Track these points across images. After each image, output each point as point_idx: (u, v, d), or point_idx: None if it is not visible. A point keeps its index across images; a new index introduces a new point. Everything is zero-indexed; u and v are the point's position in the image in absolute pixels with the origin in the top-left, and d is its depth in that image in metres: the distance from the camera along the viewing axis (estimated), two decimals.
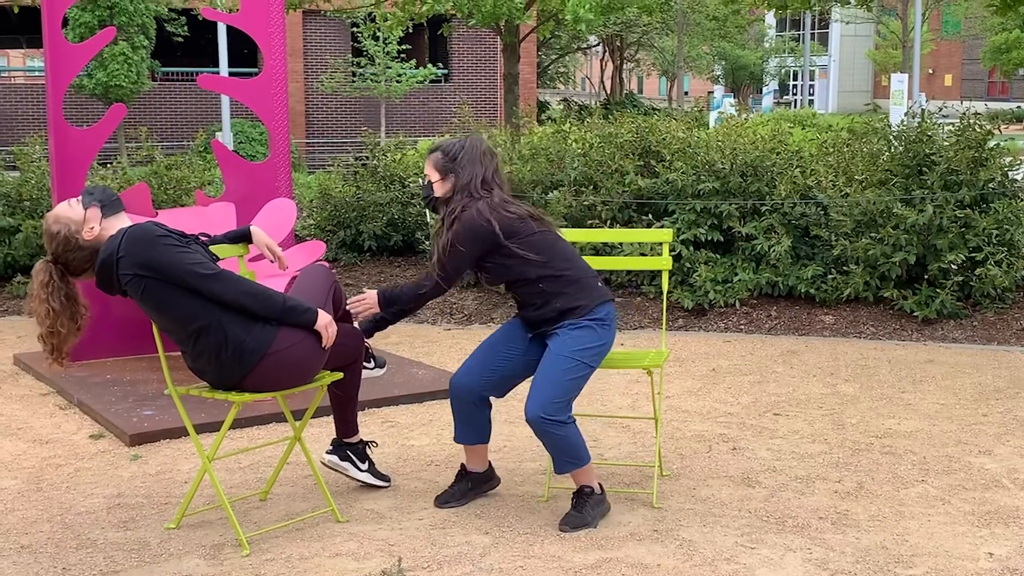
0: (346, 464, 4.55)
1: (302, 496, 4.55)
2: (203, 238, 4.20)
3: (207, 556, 3.94)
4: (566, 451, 4.14)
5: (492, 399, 4.38)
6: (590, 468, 4.24)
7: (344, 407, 4.51)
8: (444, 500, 4.42)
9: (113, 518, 4.30)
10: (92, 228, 3.98)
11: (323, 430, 5.31)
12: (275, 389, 4.05)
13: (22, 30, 28.80)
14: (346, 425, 4.54)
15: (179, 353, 4.79)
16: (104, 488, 4.64)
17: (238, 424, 5.37)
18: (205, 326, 3.89)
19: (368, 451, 4.61)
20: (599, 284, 4.32)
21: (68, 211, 4.00)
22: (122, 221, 4.04)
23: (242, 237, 4.39)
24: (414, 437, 5.34)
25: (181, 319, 3.91)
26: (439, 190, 4.29)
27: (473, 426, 4.37)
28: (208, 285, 3.85)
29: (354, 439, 4.57)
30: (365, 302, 4.32)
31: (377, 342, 7.37)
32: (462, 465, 4.50)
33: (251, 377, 3.94)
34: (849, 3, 9.96)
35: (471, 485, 4.48)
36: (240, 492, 4.58)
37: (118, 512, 4.36)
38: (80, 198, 4.02)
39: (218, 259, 4.08)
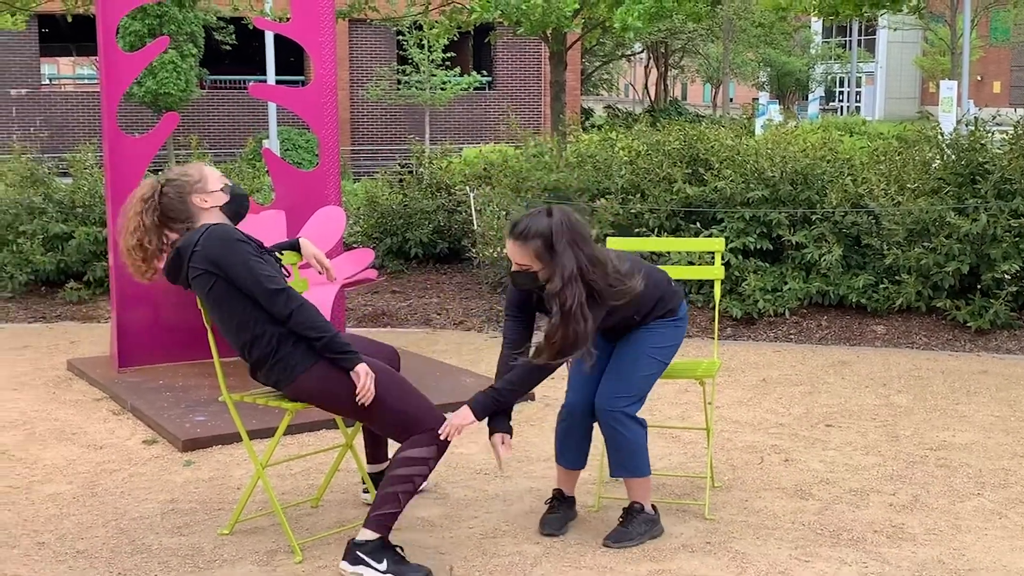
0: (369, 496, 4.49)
1: (353, 503, 4.56)
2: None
3: (260, 562, 3.96)
4: (626, 455, 4.08)
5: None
6: (646, 485, 4.18)
7: (378, 435, 4.43)
8: (554, 528, 4.22)
9: (167, 524, 4.33)
10: (205, 201, 4.03)
11: None
12: (313, 404, 4.00)
13: (72, 38, 29.20)
14: (377, 450, 4.46)
15: (232, 359, 4.84)
16: (158, 494, 4.67)
17: (289, 430, 5.38)
18: (259, 335, 3.90)
19: None
20: (673, 285, 4.29)
21: (208, 174, 4.06)
22: (220, 220, 4.04)
23: (291, 248, 4.42)
24: (463, 445, 5.34)
25: (237, 324, 3.93)
26: (544, 276, 3.90)
27: (579, 449, 4.28)
28: (269, 299, 3.84)
29: (382, 466, 4.43)
30: (453, 422, 3.92)
31: (423, 349, 7.40)
32: (558, 490, 4.35)
33: (291, 388, 3.94)
34: (901, 10, 9.88)
35: (570, 510, 4.35)
36: (292, 498, 4.60)
37: (172, 518, 4.39)
38: (226, 181, 4.09)
39: (288, 275, 4.10)
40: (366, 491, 4.50)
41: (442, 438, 3.87)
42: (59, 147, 24.30)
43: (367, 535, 3.81)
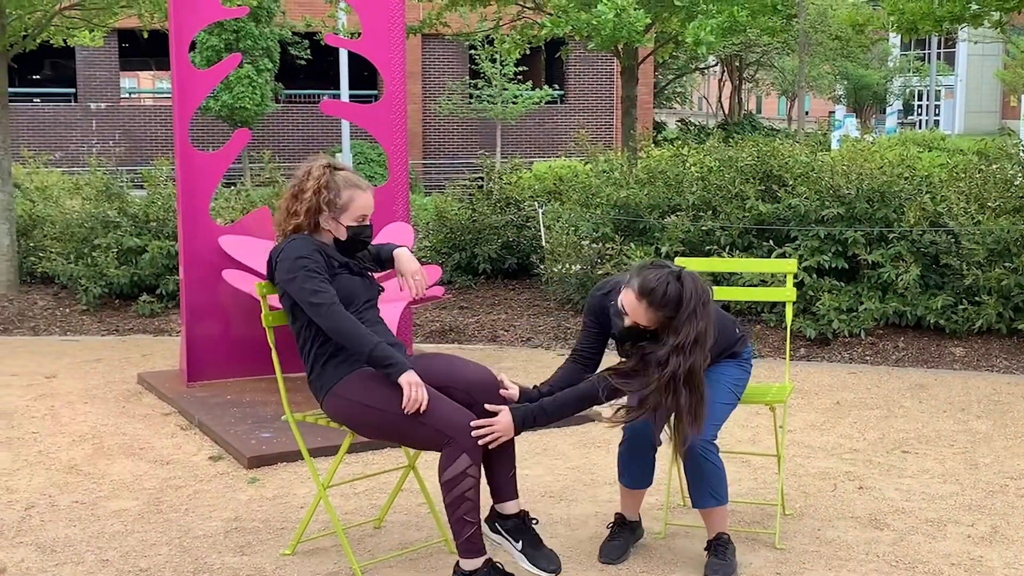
0: (497, 537, 3.86)
1: (416, 525, 4.51)
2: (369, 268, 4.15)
3: None
4: (714, 483, 3.97)
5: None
6: (727, 512, 4.07)
7: (489, 465, 3.86)
8: (613, 556, 4.11)
9: (230, 542, 4.32)
10: (329, 223, 3.97)
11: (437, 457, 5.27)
12: (345, 426, 3.94)
13: (151, 53, 29.74)
14: (495, 490, 3.90)
15: (297, 375, 4.79)
16: (222, 511, 4.67)
17: (353, 448, 5.36)
18: (305, 352, 3.94)
19: (529, 525, 3.85)
20: (738, 331, 4.26)
21: (353, 207, 3.97)
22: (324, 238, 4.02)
23: (387, 257, 4.24)
24: (528, 466, 5.27)
25: (296, 333, 3.98)
26: (656, 332, 3.80)
27: (643, 468, 4.17)
28: (312, 312, 3.82)
29: (508, 508, 3.86)
30: (496, 428, 3.75)
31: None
32: (619, 515, 4.26)
33: (324, 407, 3.94)
34: (982, 24, 9.63)
35: (632, 535, 4.26)
36: (354, 519, 4.57)
37: (235, 536, 4.38)
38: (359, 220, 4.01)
39: (382, 290, 4.07)
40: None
41: (480, 442, 3.71)
42: (138, 160, 24.75)
43: (470, 564, 3.71)
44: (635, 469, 4.17)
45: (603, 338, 4.07)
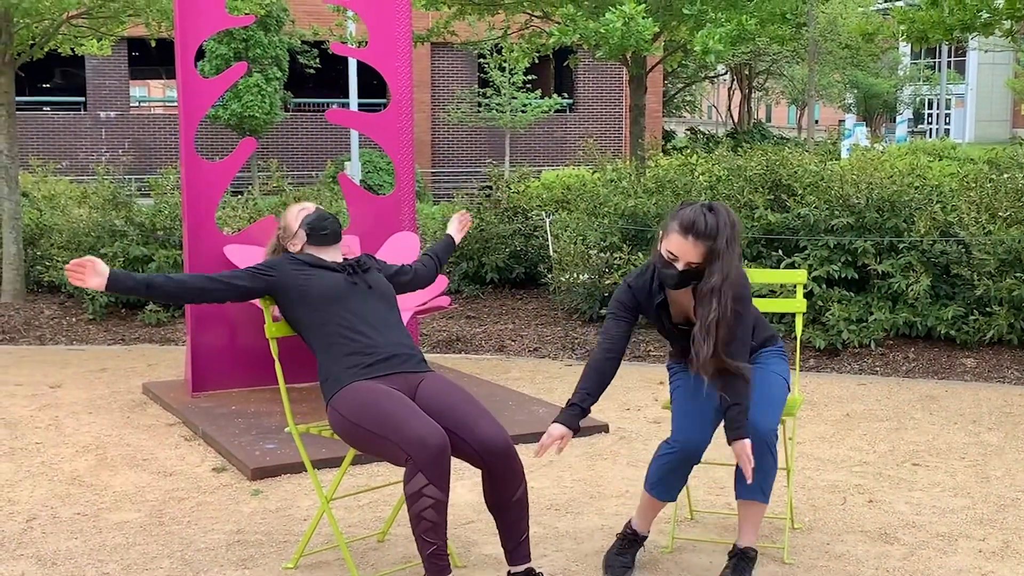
0: None
1: None
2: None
3: None
4: (766, 477, 3.88)
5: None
6: (762, 517, 4.00)
7: (496, 516, 3.86)
8: (620, 574, 4.04)
9: (232, 556, 4.27)
10: (295, 246, 4.30)
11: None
12: (339, 438, 3.92)
13: (161, 61, 29.81)
14: (507, 554, 3.85)
15: (301, 385, 4.76)
16: (224, 524, 4.63)
17: (358, 460, 5.33)
18: (318, 362, 4.01)
19: None
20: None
21: (290, 220, 4.33)
22: (330, 254, 4.27)
23: (448, 242, 4.88)
24: (534, 479, 5.22)
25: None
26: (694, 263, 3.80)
27: (680, 484, 4.03)
28: None
29: (517, 569, 3.83)
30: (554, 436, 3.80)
31: (496, 376, 7.30)
32: (632, 530, 4.16)
33: (328, 416, 3.91)
34: (994, 33, 9.58)
35: (637, 550, 4.17)
36: (358, 531, 4.52)
37: (237, 549, 4.34)
38: (305, 216, 4.31)
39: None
40: None
41: None
42: (147, 169, 24.79)
43: None
44: (672, 481, 3.99)
45: (632, 326, 4.01)
